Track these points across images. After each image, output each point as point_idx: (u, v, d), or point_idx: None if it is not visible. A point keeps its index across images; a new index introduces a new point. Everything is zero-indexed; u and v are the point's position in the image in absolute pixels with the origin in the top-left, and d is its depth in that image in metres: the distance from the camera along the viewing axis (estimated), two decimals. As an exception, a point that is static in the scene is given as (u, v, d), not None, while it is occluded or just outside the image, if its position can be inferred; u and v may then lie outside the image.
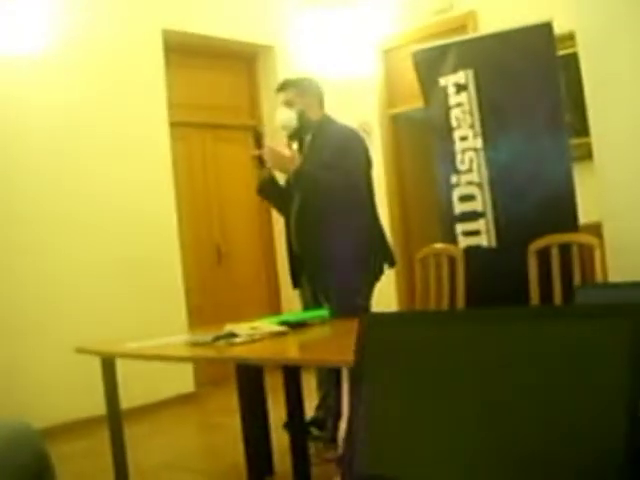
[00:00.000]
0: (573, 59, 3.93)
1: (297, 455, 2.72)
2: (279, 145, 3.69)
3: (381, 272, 3.80)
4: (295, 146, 3.65)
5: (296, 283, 3.92)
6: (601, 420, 0.80)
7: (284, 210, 3.89)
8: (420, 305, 4.20)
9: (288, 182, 3.72)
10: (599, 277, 3.48)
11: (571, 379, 0.84)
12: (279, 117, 3.71)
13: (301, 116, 3.69)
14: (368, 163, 3.78)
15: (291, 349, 2.86)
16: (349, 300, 3.65)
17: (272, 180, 3.79)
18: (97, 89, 5.17)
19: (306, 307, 3.77)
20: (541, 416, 0.84)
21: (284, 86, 3.82)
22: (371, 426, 0.95)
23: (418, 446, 0.91)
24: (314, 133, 3.70)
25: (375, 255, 3.79)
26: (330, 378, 3.91)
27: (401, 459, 0.92)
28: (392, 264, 3.85)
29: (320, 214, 3.63)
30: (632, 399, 0.79)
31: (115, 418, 3.23)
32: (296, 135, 3.70)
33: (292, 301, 4.95)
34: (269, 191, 3.84)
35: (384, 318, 1.01)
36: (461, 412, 0.88)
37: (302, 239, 3.72)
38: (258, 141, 3.72)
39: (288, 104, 3.72)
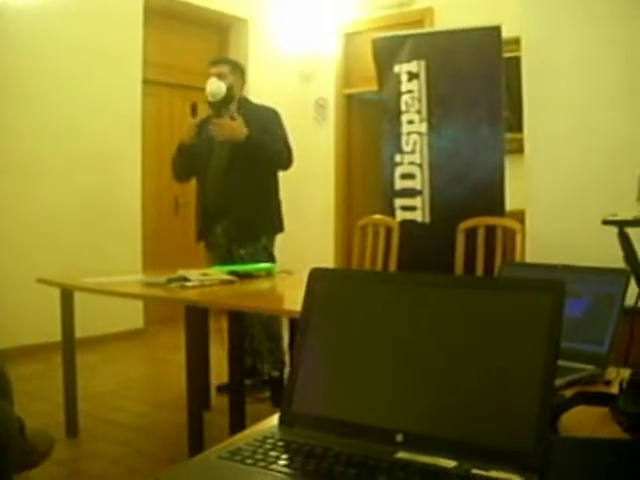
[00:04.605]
0: (516, 62, 3.92)
1: (234, 393, 2.71)
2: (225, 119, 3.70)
3: (281, 230, 3.96)
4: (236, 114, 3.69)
5: (201, 238, 3.97)
6: (519, 383, 0.81)
7: (187, 171, 3.98)
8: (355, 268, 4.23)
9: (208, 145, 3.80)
10: (518, 258, 3.53)
11: (496, 342, 0.84)
12: (211, 86, 3.69)
13: (229, 89, 3.75)
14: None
15: (237, 296, 2.84)
16: (264, 246, 3.83)
17: (192, 146, 3.83)
18: (80, 39, 5.04)
19: (221, 262, 3.71)
20: (466, 369, 0.84)
21: (220, 61, 3.92)
22: (311, 371, 0.94)
23: (352, 390, 0.91)
24: (238, 106, 3.80)
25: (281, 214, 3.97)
26: (255, 326, 3.92)
27: (337, 402, 0.91)
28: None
29: (253, 169, 3.72)
30: (547, 366, 0.80)
31: (69, 346, 3.19)
32: (219, 105, 3.73)
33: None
34: (186, 151, 3.86)
35: (332, 273, 1.00)
36: (394, 361, 0.89)
37: (230, 190, 3.76)
38: (194, 110, 3.82)
39: (220, 76, 3.75)
